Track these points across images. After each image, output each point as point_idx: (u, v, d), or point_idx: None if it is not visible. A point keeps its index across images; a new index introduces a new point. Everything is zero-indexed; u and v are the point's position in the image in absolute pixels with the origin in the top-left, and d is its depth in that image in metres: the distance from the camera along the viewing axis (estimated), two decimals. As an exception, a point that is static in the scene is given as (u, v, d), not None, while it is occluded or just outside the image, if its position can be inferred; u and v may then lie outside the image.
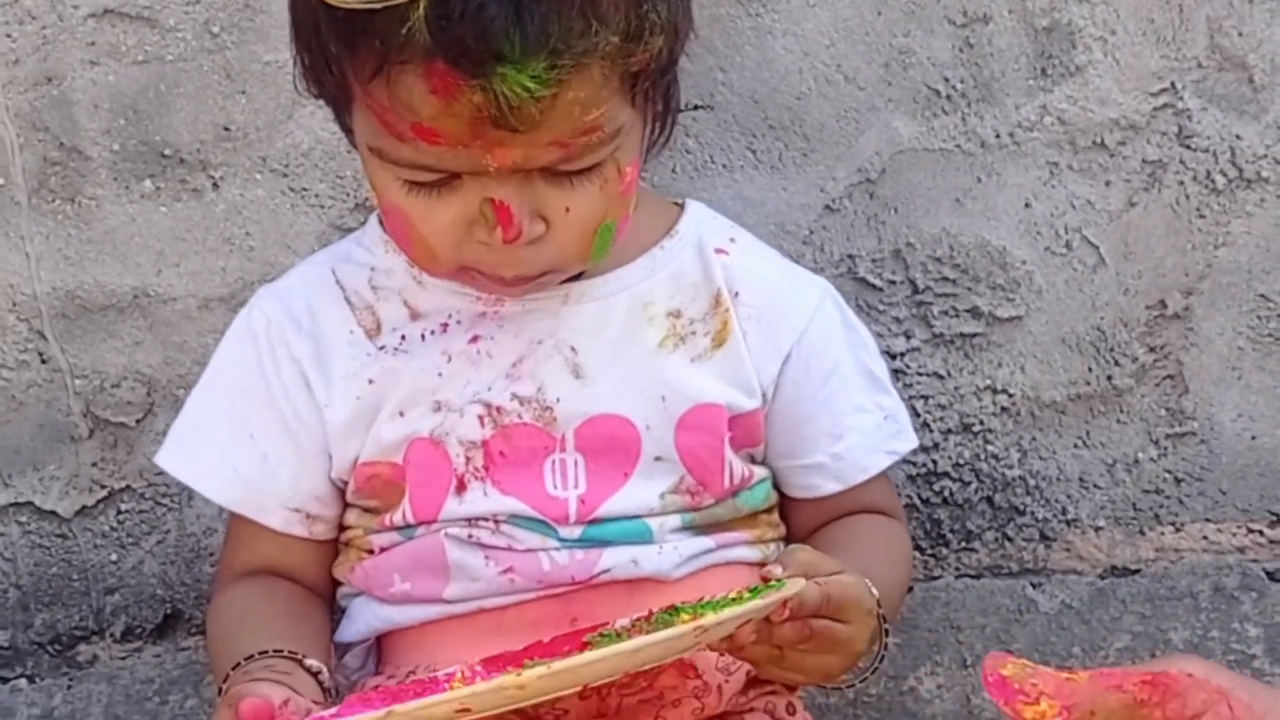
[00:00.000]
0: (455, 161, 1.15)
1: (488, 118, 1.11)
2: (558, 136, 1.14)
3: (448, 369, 1.29)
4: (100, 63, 1.47)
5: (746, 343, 1.32)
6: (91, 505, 1.55)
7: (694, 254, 1.33)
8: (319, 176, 1.50)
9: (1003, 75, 1.51)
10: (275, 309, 1.33)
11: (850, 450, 1.36)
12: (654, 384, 1.30)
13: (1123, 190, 1.53)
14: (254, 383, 1.32)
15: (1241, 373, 1.56)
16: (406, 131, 1.14)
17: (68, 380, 1.53)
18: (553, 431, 1.28)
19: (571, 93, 1.12)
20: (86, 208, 1.50)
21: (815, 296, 1.37)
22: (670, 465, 1.29)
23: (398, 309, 1.30)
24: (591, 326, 1.29)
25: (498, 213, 1.17)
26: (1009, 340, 1.55)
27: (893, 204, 1.53)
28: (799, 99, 1.51)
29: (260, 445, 1.31)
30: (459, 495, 1.28)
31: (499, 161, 1.14)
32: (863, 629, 1.18)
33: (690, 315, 1.31)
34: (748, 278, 1.34)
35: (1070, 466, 1.58)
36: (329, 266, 1.34)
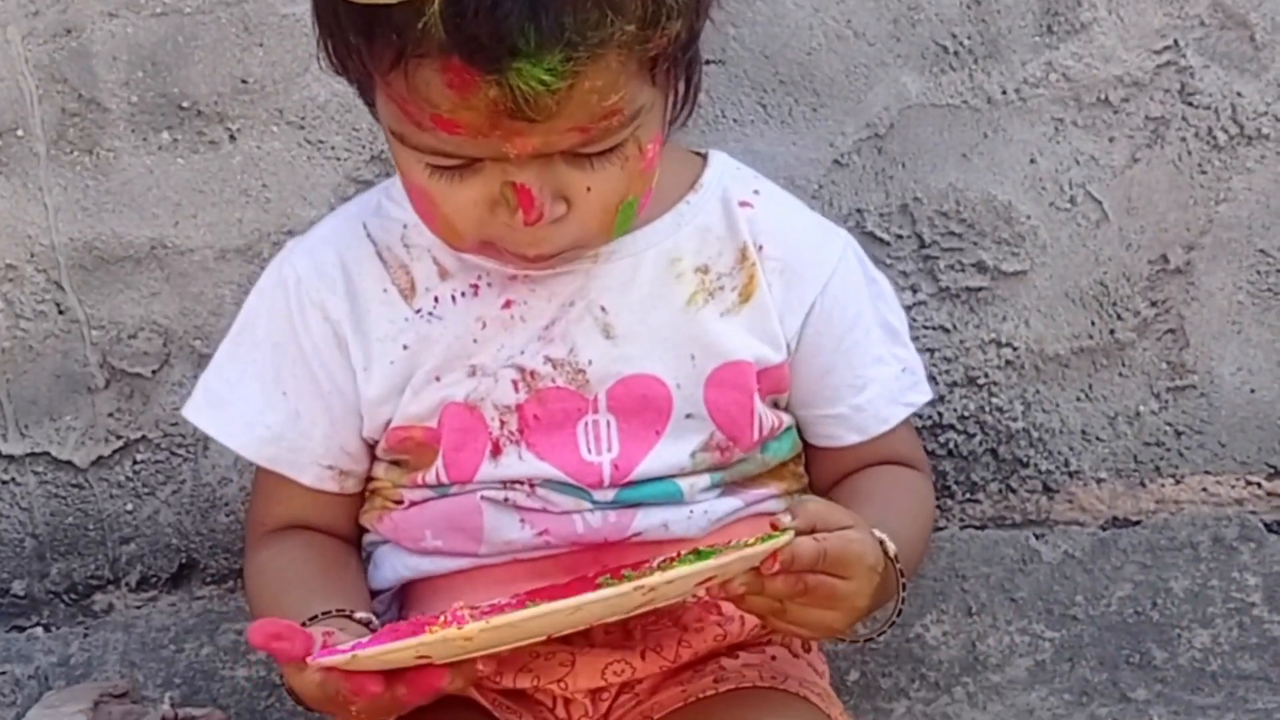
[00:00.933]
0: (475, 149, 1.15)
1: (504, 110, 1.11)
2: (576, 123, 1.14)
3: (482, 334, 1.29)
4: (119, 14, 1.48)
5: (771, 296, 1.33)
6: (108, 455, 1.56)
7: (719, 207, 1.34)
8: (335, 129, 1.51)
9: (1009, 32, 1.53)
10: (306, 265, 1.32)
11: (871, 402, 1.37)
12: (684, 342, 1.30)
13: (1126, 146, 1.55)
14: (285, 339, 1.32)
15: (1241, 327, 1.59)
16: (426, 121, 1.14)
17: (85, 331, 1.54)
18: (585, 394, 1.29)
19: (588, 82, 1.11)
20: (104, 159, 1.51)
21: (838, 249, 1.38)
22: (700, 422, 1.31)
23: (429, 267, 1.31)
24: (620, 285, 1.30)
25: (519, 195, 1.17)
26: (1014, 294, 1.57)
27: (900, 159, 1.55)
28: (809, 54, 1.52)
29: (292, 403, 1.31)
30: (494, 459, 1.29)
31: (518, 150, 1.15)
32: (865, 584, 1.16)
33: (718, 270, 1.32)
34: (772, 230, 1.34)
35: (1073, 419, 1.60)
36: (360, 220, 1.34)
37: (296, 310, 1.31)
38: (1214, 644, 1.60)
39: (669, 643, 1.30)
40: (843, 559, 1.14)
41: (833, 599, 1.15)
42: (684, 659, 1.30)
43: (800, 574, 1.13)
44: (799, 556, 1.12)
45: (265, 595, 1.31)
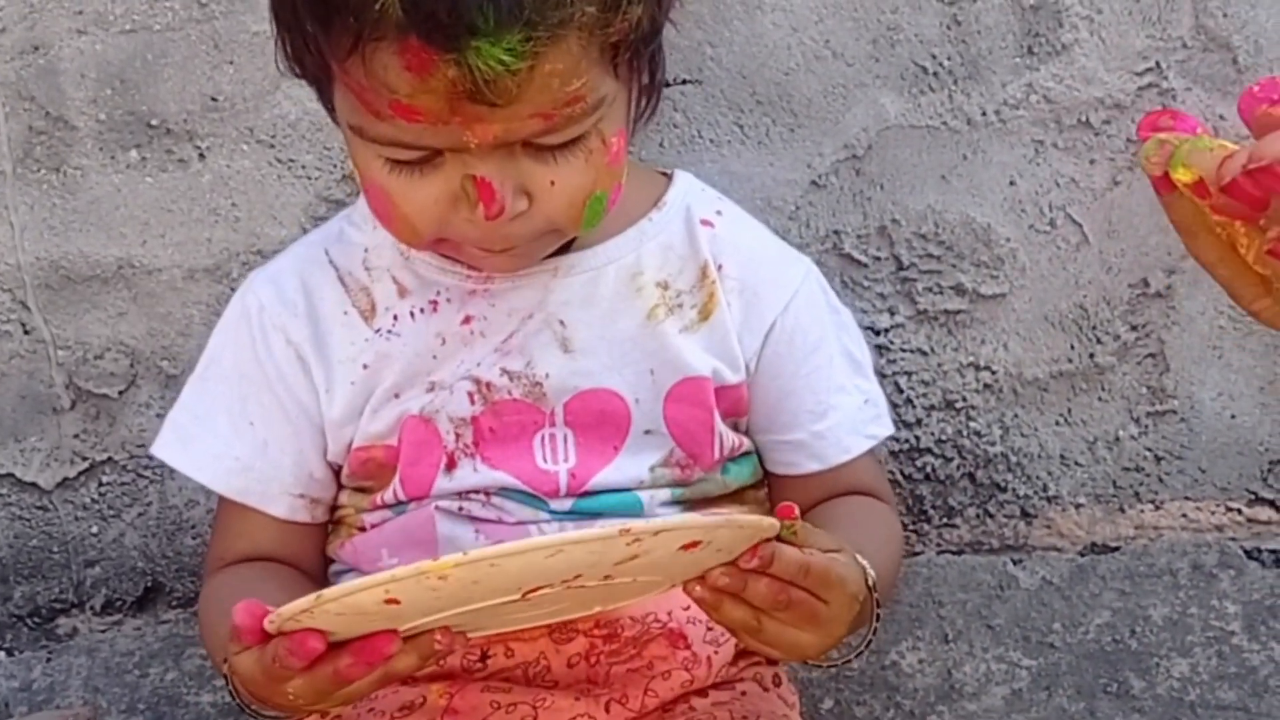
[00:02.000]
0: (435, 138, 1.14)
1: (464, 93, 1.09)
2: (538, 109, 1.13)
3: (442, 350, 1.29)
4: (87, 31, 1.46)
5: (730, 315, 1.32)
6: (73, 477, 1.54)
7: (682, 225, 1.34)
8: (306, 148, 1.49)
9: (989, 53, 1.51)
10: (268, 292, 1.32)
11: (832, 429, 1.35)
12: (643, 357, 1.30)
13: (1107, 169, 1.53)
14: (250, 368, 1.31)
15: (1222, 352, 1.58)
16: (385, 109, 1.13)
17: (50, 351, 1.52)
18: (542, 406, 1.28)
19: (549, 65, 1.10)
20: (72, 177, 1.49)
21: (799, 273, 1.37)
22: (660, 438, 1.30)
23: (388, 287, 1.30)
24: (580, 299, 1.29)
25: (479, 189, 1.16)
26: (992, 317, 1.56)
27: (879, 180, 1.53)
28: (787, 74, 1.51)
29: (260, 432, 1.30)
30: (449, 472, 1.28)
31: (479, 137, 1.13)
32: (844, 611, 1.14)
33: (678, 287, 1.32)
34: (732, 250, 1.34)
35: (1051, 444, 1.58)
36: (322, 247, 1.34)
37: (259, 337, 1.30)
38: (1192, 673, 1.59)
39: (635, 692, 1.28)
40: (825, 579, 1.11)
41: (812, 620, 1.12)
42: (650, 708, 1.29)
43: (784, 583, 1.10)
44: (780, 560, 1.08)
45: (217, 619, 1.24)
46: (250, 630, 1.04)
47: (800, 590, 1.10)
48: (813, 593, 1.11)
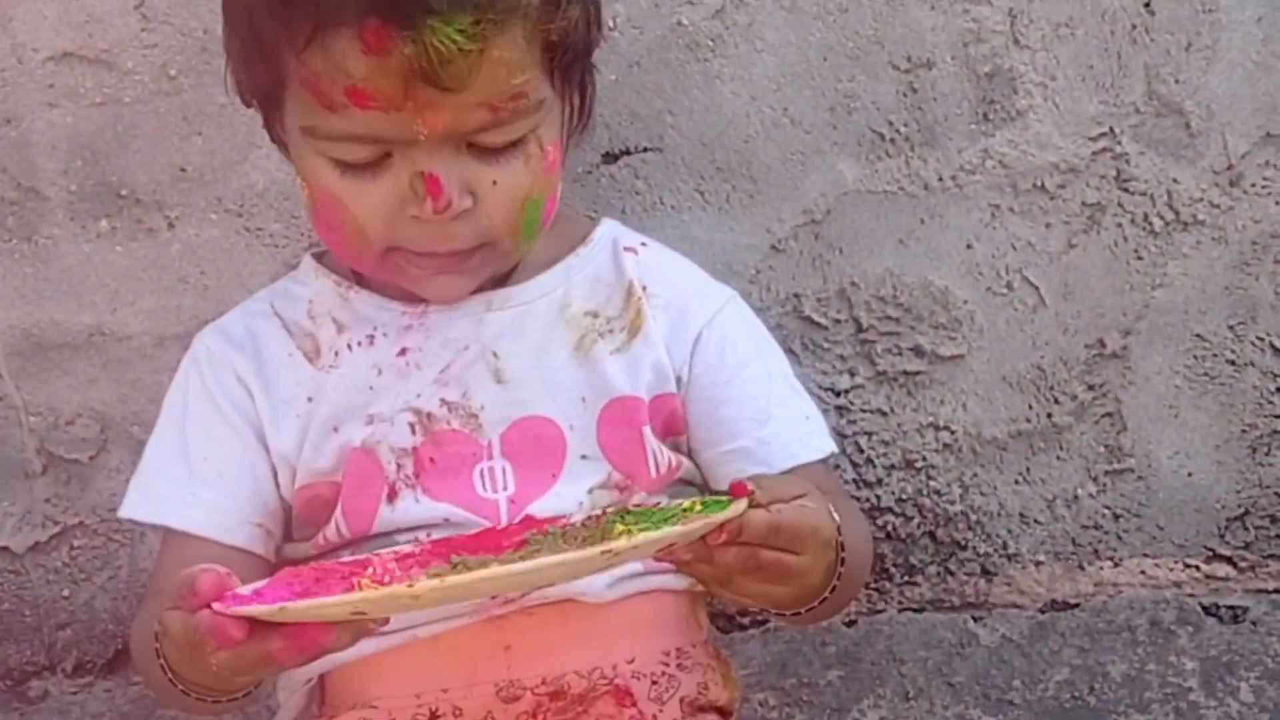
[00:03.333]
0: (386, 128, 1.19)
1: (418, 72, 1.15)
2: (486, 98, 1.19)
3: (379, 382, 1.32)
4: (59, 105, 1.49)
5: (658, 328, 1.35)
6: (44, 541, 1.56)
7: (609, 256, 1.38)
8: (273, 216, 1.52)
9: (945, 119, 1.54)
10: (214, 339, 1.36)
11: (776, 435, 1.35)
12: (574, 385, 1.33)
13: (1062, 232, 1.56)
14: (202, 408, 1.33)
15: (1178, 411, 1.60)
16: (339, 97, 1.18)
17: (22, 417, 1.54)
18: (479, 438, 1.31)
19: (497, 52, 1.17)
20: (43, 247, 1.51)
21: (725, 295, 1.40)
22: (596, 463, 1.32)
23: (329, 328, 1.34)
24: (513, 331, 1.33)
25: (427, 184, 1.21)
26: (951, 378, 1.58)
27: (838, 244, 1.56)
28: (746, 142, 1.54)
29: (216, 465, 1.32)
30: (390, 504, 1.30)
31: (430, 126, 1.19)
32: (818, 560, 1.14)
33: (607, 314, 1.35)
34: (658, 274, 1.38)
35: (1011, 502, 1.60)
36: (268, 301, 1.38)
37: (209, 375, 1.34)
38: (1150, 729, 1.61)
39: None
40: (796, 532, 1.11)
41: (784, 575, 1.12)
42: None
43: (752, 548, 1.10)
44: (749, 528, 1.08)
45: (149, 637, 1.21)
46: (205, 597, 1.04)
47: (770, 550, 1.10)
48: (785, 549, 1.11)
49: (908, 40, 1.52)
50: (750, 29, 1.51)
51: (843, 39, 1.52)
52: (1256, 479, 1.61)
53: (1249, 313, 1.58)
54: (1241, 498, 1.61)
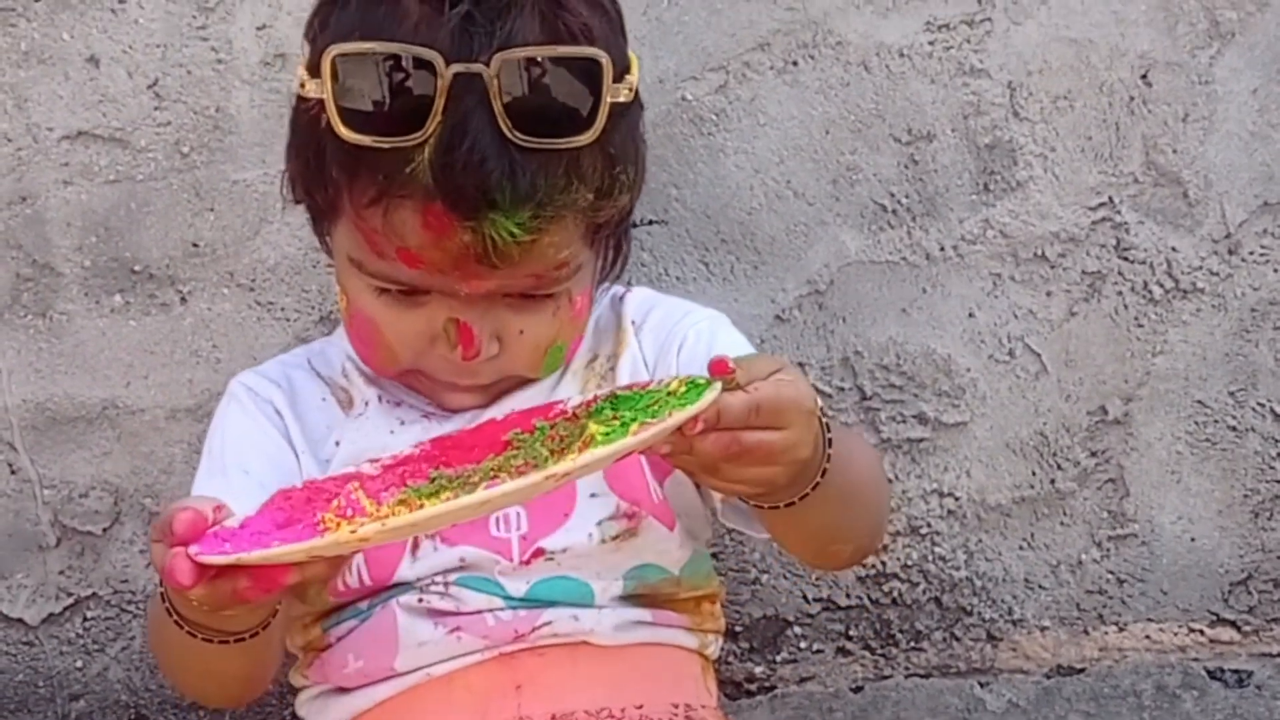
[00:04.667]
0: (430, 282, 1.24)
1: (473, 256, 1.21)
2: (532, 271, 1.24)
3: (400, 429, 1.34)
4: (73, 182, 1.51)
5: (642, 352, 1.37)
6: (58, 613, 1.57)
7: (606, 306, 1.41)
8: (285, 290, 1.54)
9: (946, 190, 1.56)
10: (252, 377, 1.40)
11: None
12: None
13: (1063, 300, 1.58)
14: (239, 429, 1.36)
15: (1180, 476, 1.61)
16: (390, 253, 1.23)
17: (37, 490, 1.56)
18: None
19: (548, 238, 1.22)
20: (58, 322, 1.54)
21: (709, 311, 1.41)
22: (604, 499, 1.33)
23: (361, 383, 1.37)
24: (525, 395, 1.34)
25: (460, 332, 1.26)
26: (955, 445, 1.59)
27: (841, 314, 1.58)
28: (750, 214, 1.56)
29: (255, 477, 1.33)
30: (413, 554, 1.32)
31: (471, 289, 1.24)
32: (804, 432, 1.09)
33: (604, 354, 1.38)
34: (646, 309, 1.40)
35: (1015, 568, 1.61)
36: (305, 357, 1.42)
37: (250, 405, 1.37)
38: (1156, 795, 1.61)
39: None
40: (777, 408, 1.06)
41: (770, 455, 1.07)
42: None
43: (734, 433, 1.05)
44: (726, 413, 1.04)
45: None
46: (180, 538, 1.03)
47: (753, 432, 1.06)
48: (767, 426, 1.07)
49: (908, 113, 1.55)
50: (753, 103, 1.54)
51: (844, 112, 1.54)
52: (1259, 543, 1.62)
53: (1249, 379, 1.60)
54: (1245, 562, 1.62)
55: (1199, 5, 1.55)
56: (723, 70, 1.53)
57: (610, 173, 1.25)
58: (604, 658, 1.30)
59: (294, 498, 1.11)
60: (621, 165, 1.26)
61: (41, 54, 1.50)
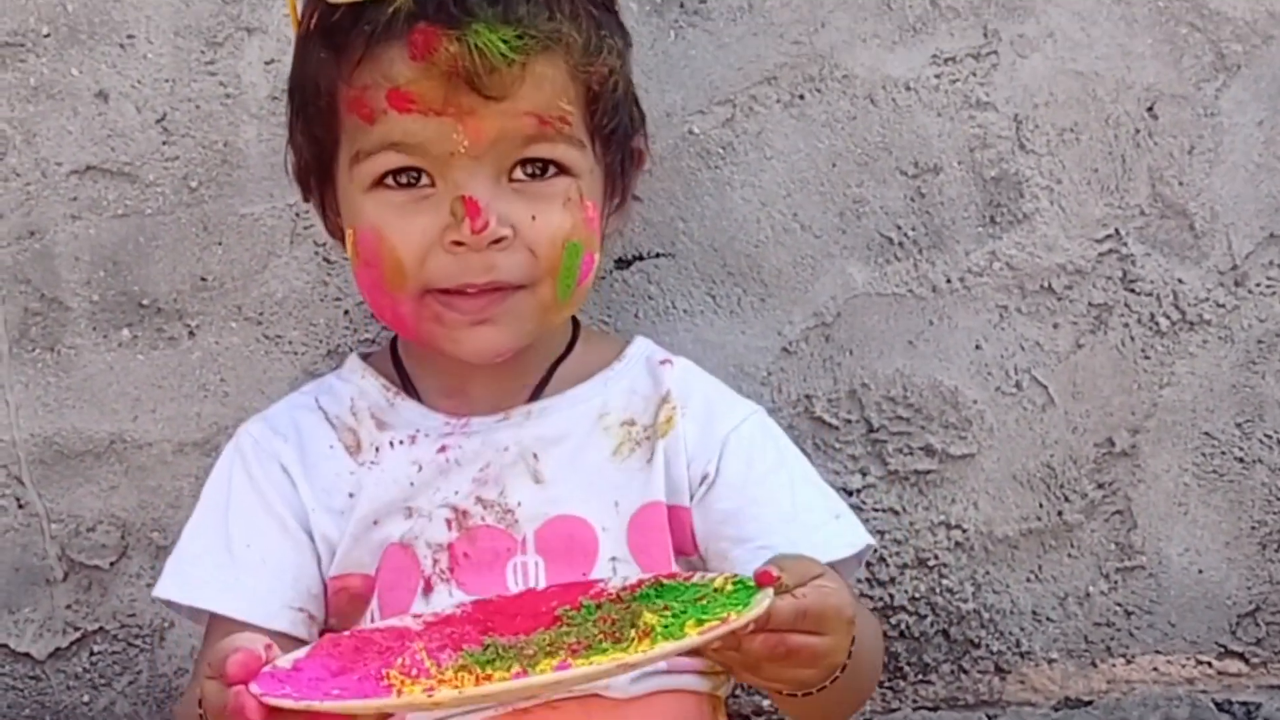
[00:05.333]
0: (426, 132, 1.25)
1: (461, 73, 1.23)
2: (533, 106, 1.25)
3: (419, 478, 1.34)
4: (81, 217, 1.52)
5: (686, 440, 1.37)
6: (65, 647, 1.57)
7: (643, 368, 1.41)
8: (292, 324, 1.54)
9: (953, 223, 1.56)
10: (259, 428, 1.39)
11: (805, 534, 1.35)
12: (609, 489, 1.35)
13: (1070, 332, 1.58)
14: (245, 495, 1.36)
15: (1188, 508, 1.61)
16: (382, 103, 1.25)
17: (44, 525, 1.56)
18: (514, 533, 1.33)
19: (540, 69, 1.25)
20: (66, 356, 1.54)
21: (751, 406, 1.43)
22: (625, 564, 1.34)
23: (369, 424, 1.37)
24: (552, 436, 1.36)
25: (466, 206, 1.26)
26: (962, 477, 1.59)
27: (848, 346, 1.58)
28: (757, 247, 1.56)
29: (258, 551, 1.34)
30: (426, 597, 1.32)
31: (471, 136, 1.25)
32: (843, 639, 1.15)
33: (642, 423, 1.38)
34: (689, 384, 1.41)
35: (1023, 600, 1.61)
36: (313, 395, 1.41)
37: (256, 465, 1.36)
38: (1165, 828, 1.61)
39: None
40: (822, 614, 1.12)
41: (812, 658, 1.13)
42: None
43: (780, 634, 1.11)
44: (776, 616, 1.09)
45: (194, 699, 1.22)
46: (234, 679, 1.06)
47: (798, 635, 1.11)
48: (811, 631, 1.12)
49: (915, 146, 1.55)
50: (760, 137, 1.54)
51: (851, 145, 1.55)
52: (1267, 575, 1.62)
53: (1256, 410, 1.60)
54: (1252, 594, 1.62)
55: (1204, 38, 1.55)
56: (729, 104, 1.54)
57: (596, 32, 1.29)
58: (617, 710, 1.31)
59: (343, 645, 1.16)
60: (608, 31, 1.31)
61: (50, 89, 1.51)
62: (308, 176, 1.37)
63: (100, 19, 1.50)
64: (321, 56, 1.29)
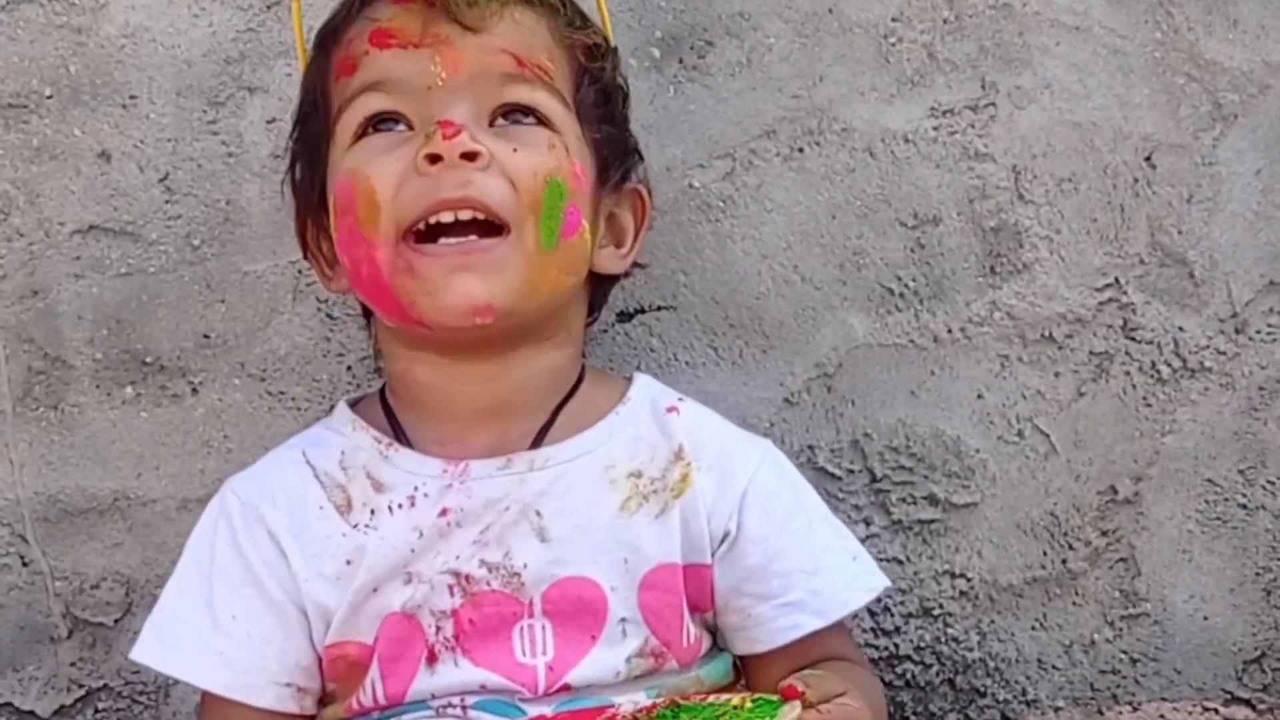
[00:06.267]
0: (404, 67, 1.27)
1: (439, 4, 1.26)
2: (509, 44, 1.28)
3: (419, 544, 1.31)
4: (85, 276, 1.52)
5: (704, 496, 1.35)
6: (69, 704, 1.57)
7: (649, 415, 1.38)
8: (295, 380, 1.55)
9: (953, 273, 1.57)
10: (247, 489, 1.35)
11: (827, 586, 1.36)
12: (618, 546, 1.32)
13: (1071, 381, 1.58)
14: (231, 563, 1.33)
15: (1192, 555, 1.61)
16: (364, 45, 1.29)
17: (48, 582, 1.56)
18: (520, 596, 1.31)
19: (519, 14, 1.29)
20: (69, 414, 1.54)
21: (763, 448, 1.42)
22: (635, 626, 1.32)
23: (364, 483, 1.33)
24: (556, 491, 1.32)
25: (440, 125, 1.25)
26: (966, 526, 1.60)
27: (850, 397, 1.58)
28: (758, 299, 1.57)
29: (243, 624, 1.32)
30: (430, 667, 1.30)
31: (449, 68, 1.26)
32: None
33: (650, 474, 1.35)
34: (700, 432, 1.38)
35: (1029, 648, 1.61)
36: (300, 449, 1.38)
37: (242, 530, 1.33)
38: None
39: None
40: None
41: None
42: None
43: None
44: None
45: None
46: None
47: None
48: None
49: (914, 198, 1.56)
50: (760, 190, 1.55)
51: (850, 198, 1.56)
52: (1272, 621, 1.62)
53: (1258, 457, 1.60)
54: (1258, 640, 1.62)
55: (1201, 88, 1.56)
56: (729, 157, 1.55)
57: (580, 16, 1.34)
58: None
59: None
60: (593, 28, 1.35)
61: (54, 150, 1.52)
62: (305, 216, 1.36)
63: (103, 80, 1.51)
64: (315, 60, 1.34)
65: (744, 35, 1.55)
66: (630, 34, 1.53)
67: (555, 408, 1.35)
